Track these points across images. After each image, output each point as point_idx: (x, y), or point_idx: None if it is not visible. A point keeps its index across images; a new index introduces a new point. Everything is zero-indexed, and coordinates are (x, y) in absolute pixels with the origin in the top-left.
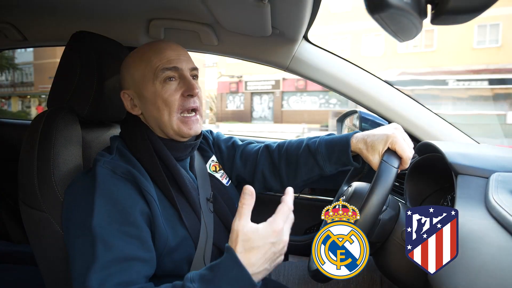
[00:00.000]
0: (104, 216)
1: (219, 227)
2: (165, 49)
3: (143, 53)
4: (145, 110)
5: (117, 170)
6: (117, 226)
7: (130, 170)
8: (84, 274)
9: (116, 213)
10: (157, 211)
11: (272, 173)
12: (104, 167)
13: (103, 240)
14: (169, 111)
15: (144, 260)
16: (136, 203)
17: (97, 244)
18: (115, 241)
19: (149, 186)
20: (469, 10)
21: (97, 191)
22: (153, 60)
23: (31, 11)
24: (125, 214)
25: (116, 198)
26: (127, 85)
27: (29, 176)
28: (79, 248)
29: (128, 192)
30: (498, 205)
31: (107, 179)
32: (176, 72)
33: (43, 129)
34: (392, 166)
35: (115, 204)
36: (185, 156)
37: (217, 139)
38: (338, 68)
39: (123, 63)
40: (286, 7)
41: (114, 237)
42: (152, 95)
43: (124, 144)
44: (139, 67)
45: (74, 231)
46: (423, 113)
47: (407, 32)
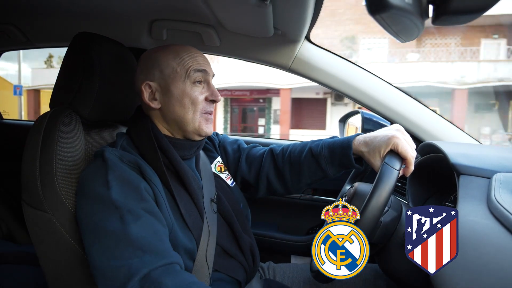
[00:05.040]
0: (121, 192)
1: (223, 227)
2: (196, 53)
3: (176, 51)
4: (167, 104)
5: (124, 158)
6: (135, 202)
7: (136, 160)
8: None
9: (131, 191)
10: (162, 200)
11: (277, 177)
12: (112, 153)
13: (128, 211)
14: (194, 110)
15: (166, 235)
16: (146, 188)
17: (124, 215)
18: (140, 213)
19: (154, 177)
20: (471, 10)
21: (109, 171)
22: (187, 60)
23: (33, 12)
24: (140, 192)
25: (128, 178)
26: (151, 77)
27: (32, 176)
28: (103, 226)
29: (137, 176)
30: (500, 206)
31: (117, 162)
32: (204, 76)
33: (45, 130)
34: (393, 168)
35: (128, 183)
36: (190, 155)
37: (223, 141)
38: (340, 68)
39: (149, 57)
40: (288, 8)
41: (139, 210)
42: (180, 92)
43: (129, 141)
44: (172, 63)
45: (96, 206)
46: (425, 114)
47: (408, 33)
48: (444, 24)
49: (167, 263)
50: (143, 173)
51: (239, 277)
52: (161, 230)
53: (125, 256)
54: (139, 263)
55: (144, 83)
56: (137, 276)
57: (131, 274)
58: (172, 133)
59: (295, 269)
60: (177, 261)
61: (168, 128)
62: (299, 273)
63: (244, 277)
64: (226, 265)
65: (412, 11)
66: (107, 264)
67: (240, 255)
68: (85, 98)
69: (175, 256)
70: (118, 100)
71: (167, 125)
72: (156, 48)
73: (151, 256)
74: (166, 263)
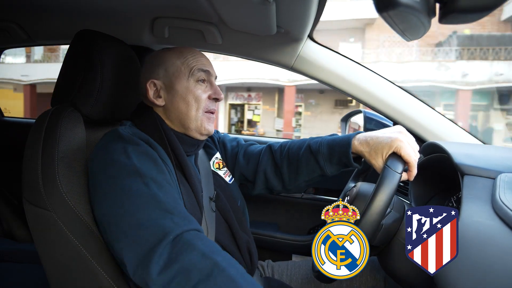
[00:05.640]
0: (142, 162)
1: (221, 224)
2: (200, 55)
3: (180, 52)
4: (172, 102)
5: (136, 136)
6: (156, 173)
7: (148, 139)
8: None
9: (151, 162)
10: (173, 179)
11: (274, 173)
12: (125, 131)
13: (151, 178)
14: (197, 107)
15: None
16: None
17: (148, 182)
18: (162, 182)
19: (165, 156)
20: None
21: (127, 144)
22: (191, 60)
23: (35, 10)
24: (158, 165)
25: (146, 151)
26: (156, 76)
27: (34, 174)
28: (130, 187)
29: (152, 151)
30: (505, 206)
31: (132, 137)
32: (207, 76)
33: (47, 128)
34: (395, 172)
35: (147, 155)
36: (191, 152)
37: (223, 138)
38: (343, 67)
39: (154, 56)
40: (291, 6)
41: (161, 179)
42: (184, 90)
43: (135, 129)
44: (176, 63)
45: (119, 171)
46: (429, 113)
47: (415, 31)
48: (451, 22)
49: (196, 229)
50: (156, 151)
51: None
52: (181, 200)
53: (155, 217)
54: (171, 223)
55: (149, 81)
56: (170, 236)
57: (165, 233)
58: (175, 129)
59: (293, 266)
60: (202, 230)
61: (171, 125)
62: (297, 270)
63: None
64: None
65: (420, 9)
66: (137, 225)
67: (237, 252)
68: (86, 96)
69: (199, 225)
70: (119, 98)
71: (170, 122)
72: (161, 50)
73: (180, 219)
74: (195, 228)
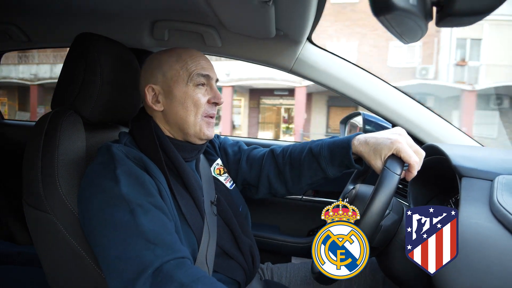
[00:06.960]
0: (130, 186)
1: (223, 229)
2: (200, 57)
3: (179, 55)
4: (170, 107)
5: (130, 155)
6: (143, 197)
7: (141, 156)
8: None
9: (139, 185)
10: (166, 196)
11: (277, 178)
12: (118, 149)
13: (138, 204)
14: (195, 112)
15: (174, 229)
16: (151, 183)
17: (134, 208)
18: (149, 207)
19: (158, 173)
20: (475, 12)
21: (117, 166)
22: (190, 64)
23: (35, 13)
24: (147, 187)
25: (135, 173)
26: (154, 80)
27: (34, 177)
28: (114, 217)
29: (142, 172)
30: (502, 208)
31: (124, 158)
32: (206, 80)
33: (47, 130)
34: (394, 173)
35: (135, 178)
36: (191, 157)
37: (224, 143)
38: (342, 70)
39: (152, 60)
40: (290, 9)
41: (147, 204)
42: (183, 95)
43: (132, 141)
44: (174, 67)
45: (105, 199)
46: (427, 115)
47: (412, 34)
48: (448, 25)
49: (178, 257)
50: (148, 170)
51: (238, 278)
52: (169, 224)
53: (137, 248)
54: (151, 255)
55: (147, 86)
56: (149, 269)
57: (144, 266)
58: (174, 135)
59: (292, 268)
60: (187, 256)
61: (170, 131)
62: (296, 272)
63: (243, 278)
64: (225, 266)
65: (417, 13)
66: (118, 257)
67: (239, 256)
68: (86, 99)
69: (185, 251)
70: (119, 101)
71: (169, 128)
72: (160, 52)
73: (163, 249)
74: (177, 257)
